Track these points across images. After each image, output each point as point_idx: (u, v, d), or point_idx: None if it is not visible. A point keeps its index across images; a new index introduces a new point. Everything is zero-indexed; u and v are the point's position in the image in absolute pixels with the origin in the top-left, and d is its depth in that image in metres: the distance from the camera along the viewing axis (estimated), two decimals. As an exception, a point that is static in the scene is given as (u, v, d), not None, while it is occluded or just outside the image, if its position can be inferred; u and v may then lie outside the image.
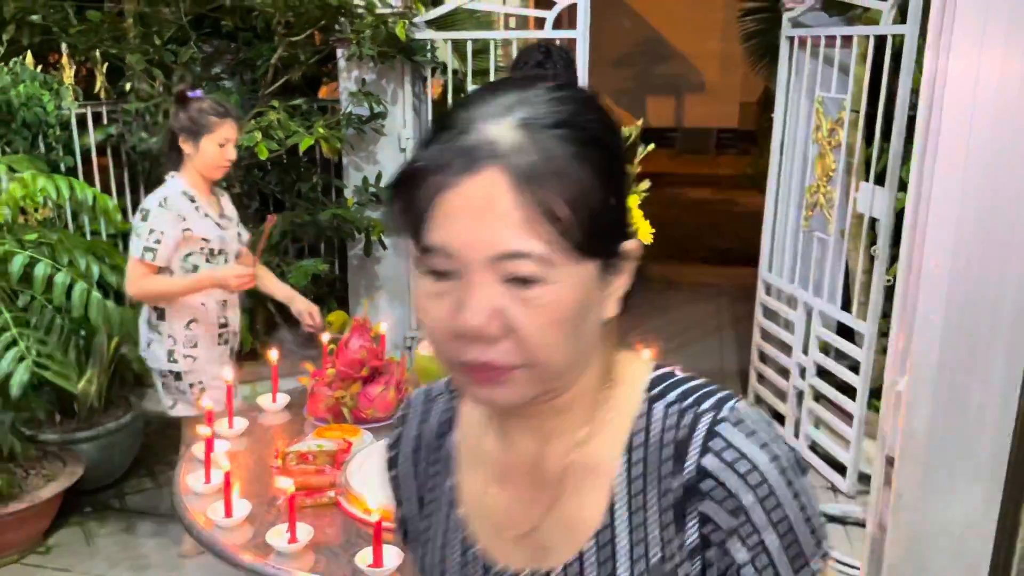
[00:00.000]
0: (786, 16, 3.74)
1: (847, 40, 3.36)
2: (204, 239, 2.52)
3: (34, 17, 3.60)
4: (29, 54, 3.39)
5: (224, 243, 2.58)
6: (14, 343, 2.50)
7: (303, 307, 2.64)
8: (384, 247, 4.14)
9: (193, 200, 2.53)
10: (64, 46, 3.60)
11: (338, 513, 1.68)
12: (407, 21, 3.63)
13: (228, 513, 1.63)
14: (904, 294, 0.65)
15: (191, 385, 2.60)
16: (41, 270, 2.53)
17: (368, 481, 1.70)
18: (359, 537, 1.58)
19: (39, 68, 3.37)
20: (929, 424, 0.64)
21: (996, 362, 0.62)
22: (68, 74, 3.56)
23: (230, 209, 2.70)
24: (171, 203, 2.47)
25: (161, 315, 2.57)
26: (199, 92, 2.58)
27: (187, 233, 2.48)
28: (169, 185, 2.52)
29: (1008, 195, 0.61)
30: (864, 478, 3.26)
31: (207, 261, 2.54)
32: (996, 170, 0.59)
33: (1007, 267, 0.62)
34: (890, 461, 0.66)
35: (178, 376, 2.60)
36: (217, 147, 2.48)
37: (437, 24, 4.00)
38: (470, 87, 3.98)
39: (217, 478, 1.73)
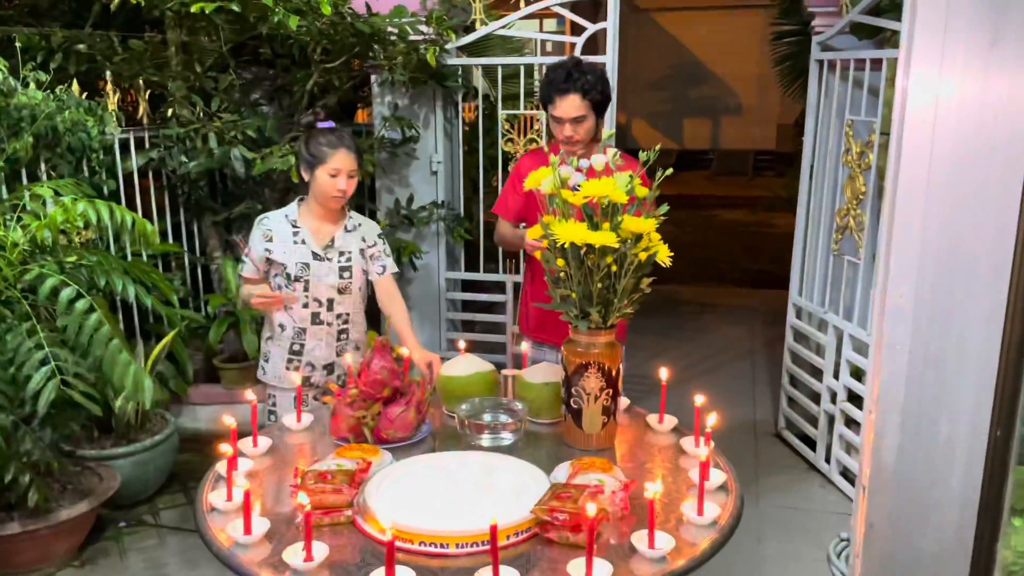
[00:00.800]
0: (815, 40, 3.73)
1: (876, 63, 3.34)
2: (282, 263, 2.58)
3: (80, 46, 3.76)
4: (75, 81, 3.52)
5: (307, 271, 2.57)
6: (46, 361, 2.59)
7: (421, 358, 2.52)
8: (415, 268, 4.19)
9: (296, 225, 2.59)
10: (108, 74, 3.73)
11: (354, 532, 1.70)
12: (438, 48, 3.69)
13: (247, 531, 1.66)
14: (876, 325, 0.65)
15: (268, 395, 2.75)
16: (66, 294, 2.61)
17: (385, 501, 1.72)
18: (374, 557, 1.60)
19: (84, 95, 3.49)
20: (897, 455, 0.64)
21: (964, 393, 0.62)
22: (112, 101, 3.69)
23: (349, 244, 2.62)
24: (266, 223, 2.60)
25: (254, 328, 2.73)
26: (330, 123, 2.59)
27: (268, 254, 2.58)
28: (283, 208, 2.65)
29: (972, 221, 0.61)
30: (896, 507, 3.19)
31: (286, 284, 2.60)
32: (958, 197, 0.59)
33: (972, 296, 0.62)
34: (864, 489, 0.66)
35: (259, 380, 2.78)
36: (328, 177, 2.49)
37: (468, 50, 4.06)
38: (500, 111, 4.03)
39: (239, 496, 1.77)
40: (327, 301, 2.62)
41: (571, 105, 2.59)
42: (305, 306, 2.61)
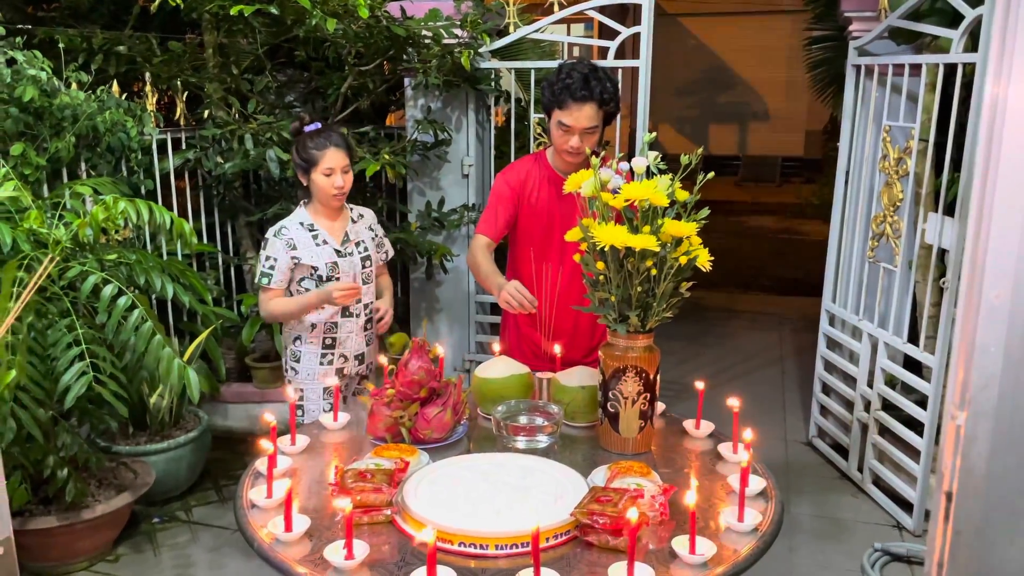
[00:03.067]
0: (852, 45, 3.69)
1: (915, 68, 3.30)
2: (312, 267, 2.63)
3: (120, 48, 3.81)
4: (115, 83, 3.57)
5: (336, 270, 2.64)
6: (82, 357, 2.62)
7: (382, 305, 2.79)
8: (445, 271, 4.21)
9: (312, 228, 2.64)
10: (148, 75, 3.79)
11: (394, 531, 1.70)
12: (472, 51, 3.70)
13: (288, 528, 1.67)
14: (963, 326, 0.64)
15: (298, 391, 2.76)
16: (108, 291, 2.66)
17: (424, 501, 1.73)
18: (414, 556, 1.61)
19: (124, 96, 3.54)
20: (988, 460, 0.63)
21: (1058, 398, 0.61)
22: (151, 102, 3.74)
23: (359, 234, 2.73)
24: (284, 232, 2.62)
25: (281, 330, 2.79)
26: (317, 124, 2.64)
27: (295, 261, 2.62)
28: (294, 214, 2.68)
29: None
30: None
31: (317, 287, 2.65)
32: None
33: (1069, 301, 0.61)
34: (949, 497, 0.64)
35: (289, 382, 2.78)
36: (324, 177, 2.56)
37: (501, 54, 4.07)
38: (532, 115, 4.04)
39: (279, 493, 1.78)
40: None
41: (586, 115, 2.40)
42: None
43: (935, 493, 0.69)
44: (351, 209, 2.76)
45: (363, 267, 2.71)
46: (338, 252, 2.65)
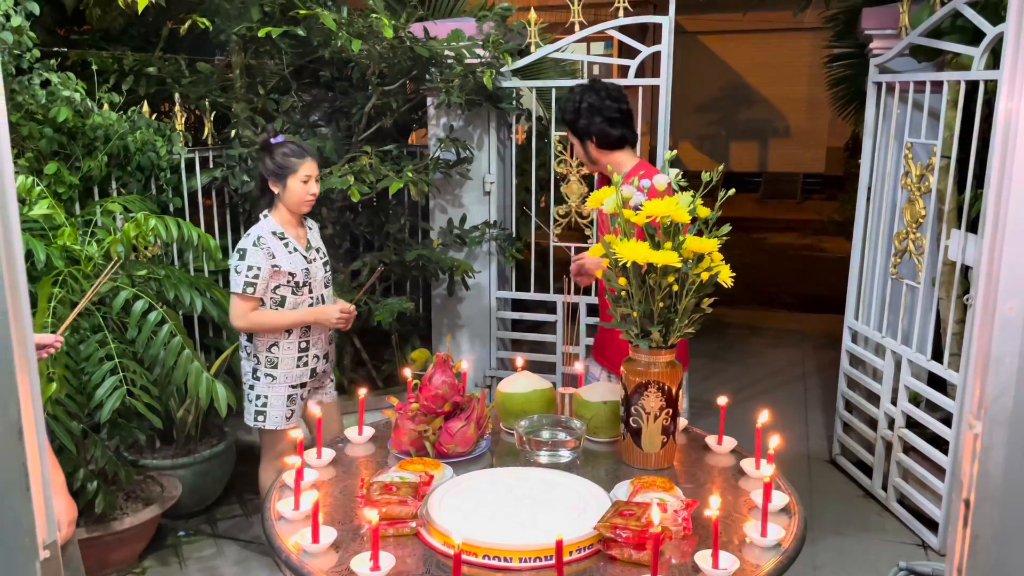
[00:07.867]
0: (873, 62, 3.70)
1: (937, 85, 3.30)
2: (290, 273, 2.74)
3: (150, 69, 3.90)
4: (145, 103, 3.66)
5: (309, 275, 2.79)
6: (115, 371, 2.68)
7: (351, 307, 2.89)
8: (467, 287, 4.24)
9: (283, 237, 2.77)
10: (177, 95, 3.87)
11: (419, 544, 1.72)
12: (494, 71, 3.75)
13: (315, 539, 1.70)
14: (978, 338, 0.66)
15: (257, 397, 2.85)
16: (139, 307, 2.73)
17: (449, 514, 1.75)
18: (439, 568, 1.63)
19: (154, 116, 3.63)
20: (1005, 467, 0.64)
21: (1072, 407, 0.62)
22: (179, 121, 3.82)
23: (317, 241, 2.91)
24: (263, 241, 2.72)
25: (249, 338, 2.82)
26: (281, 137, 2.81)
27: (275, 268, 2.72)
28: (262, 224, 2.78)
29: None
30: (958, 537, 3.11)
31: (293, 293, 2.77)
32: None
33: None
34: (967, 504, 0.66)
35: (252, 387, 2.86)
36: (301, 184, 2.73)
37: (523, 73, 4.12)
38: (553, 133, 4.08)
39: (306, 505, 1.81)
40: (320, 297, 2.85)
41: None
42: (310, 306, 2.81)
43: (954, 501, 0.71)
44: (305, 219, 2.91)
45: (325, 271, 2.89)
46: (305, 258, 2.80)
